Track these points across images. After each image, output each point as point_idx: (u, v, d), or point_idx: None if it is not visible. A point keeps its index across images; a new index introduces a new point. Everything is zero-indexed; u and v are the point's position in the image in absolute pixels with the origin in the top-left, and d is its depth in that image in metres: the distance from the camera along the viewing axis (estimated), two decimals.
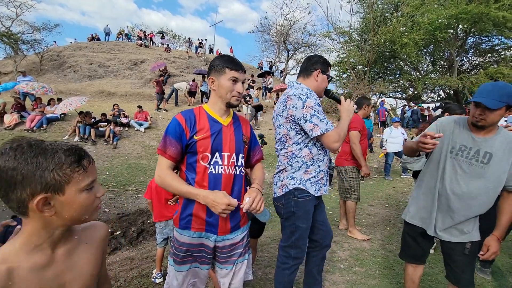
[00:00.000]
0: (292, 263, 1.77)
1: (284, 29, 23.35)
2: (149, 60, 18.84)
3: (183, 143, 1.31)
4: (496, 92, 1.41)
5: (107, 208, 5.75)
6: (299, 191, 1.68)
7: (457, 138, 1.61)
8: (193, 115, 1.35)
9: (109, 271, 2.82)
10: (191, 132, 1.31)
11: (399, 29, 14.94)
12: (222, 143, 1.35)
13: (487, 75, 14.09)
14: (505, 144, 1.51)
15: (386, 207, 4.78)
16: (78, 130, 8.27)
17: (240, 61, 1.39)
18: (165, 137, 1.31)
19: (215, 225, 1.35)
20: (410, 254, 1.90)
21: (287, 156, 1.71)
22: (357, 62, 17.23)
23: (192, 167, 1.34)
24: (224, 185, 1.34)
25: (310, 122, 1.58)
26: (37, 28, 16.74)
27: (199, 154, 1.32)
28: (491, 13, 13.05)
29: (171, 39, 33.17)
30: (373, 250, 3.08)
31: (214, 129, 1.35)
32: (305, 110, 1.58)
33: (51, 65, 17.31)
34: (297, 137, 1.67)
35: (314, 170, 1.70)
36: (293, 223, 1.72)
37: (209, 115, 1.38)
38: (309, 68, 1.77)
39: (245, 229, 1.49)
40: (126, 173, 7.12)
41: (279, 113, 1.72)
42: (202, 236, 1.36)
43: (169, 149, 1.30)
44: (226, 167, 1.35)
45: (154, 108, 12.12)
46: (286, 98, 1.67)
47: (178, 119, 1.33)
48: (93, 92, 14.34)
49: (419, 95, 18.23)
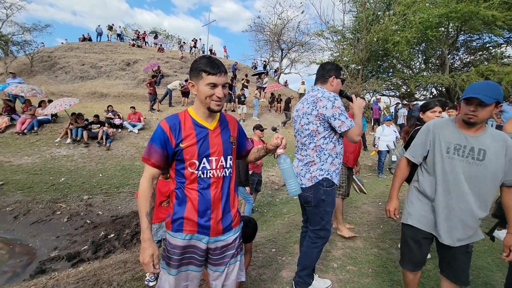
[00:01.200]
0: (321, 243, 2.06)
1: (278, 28, 23.38)
2: (142, 61, 18.67)
3: (169, 151, 1.31)
4: (487, 89, 1.48)
5: (100, 211, 5.70)
6: (327, 181, 1.94)
7: (451, 138, 1.63)
8: (178, 122, 1.32)
9: (102, 275, 2.79)
10: (177, 140, 1.30)
11: (391, 28, 15.07)
12: (210, 148, 1.33)
13: (478, 72, 14.30)
14: (496, 140, 1.56)
15: (379, 205, 4.82)
16: (70, 132, 8.17)
17: (220, 61, 1.30)
18: (150, 144, 1.32)
19: (207, 226, 1.36)
20: (413, 260, 1.84)
21: (316, 149, 1.95)
22: (351, 60, 17.34)
23: (181, 173, 1.35)
24: (214, 188, 1.35)
25: (339, 120, 1.85)
26: (28, 29, 16.47)
27: (186, 161, 1.31)
28: (481, 12, 13.24)
29: (164, 39, 32.92)
30: (366, 248, 3.10)
31: (200, 135, 1.33)
32: (334, 109, 1.85)
33: (42, 66, 17.03)
34: (325, 132, 1.93)
35: (338, 163, 2.00)
36: (323, 209, 1.98)
37: (194, 120, 1.35)
38: (325, 76, 2.04)
39: (237, 230, 1.49)
40: (120, 175, 7.06)
41: (308, 112, 1.94)
42: (194, 238, 1.36)
43: (153, 156, 1.31)
44: (215, 170, 1.35)
45: (147, 109, 12.03)
46: (315, 100, 1.91)
47: (163, 126, 1.31)
48: (85, 93, 14.16)
49: (412, 93, 18.40)
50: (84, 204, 5.80)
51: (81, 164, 7.35)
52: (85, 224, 5.20)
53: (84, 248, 4.33)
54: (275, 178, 7.68)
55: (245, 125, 10.62)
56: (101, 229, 4.97)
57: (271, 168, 8.29)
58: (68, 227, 5.12)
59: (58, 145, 7.98)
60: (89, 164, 7.39)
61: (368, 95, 18.08)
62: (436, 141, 1.67)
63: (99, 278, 2.71)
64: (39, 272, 3.65)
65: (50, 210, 5.51)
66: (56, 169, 6.93)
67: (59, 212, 5.49)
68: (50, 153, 7.56)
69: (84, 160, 7.53)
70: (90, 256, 4.09)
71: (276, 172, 8.04)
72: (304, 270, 2.10)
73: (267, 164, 8.17)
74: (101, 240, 4.57)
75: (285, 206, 5.49)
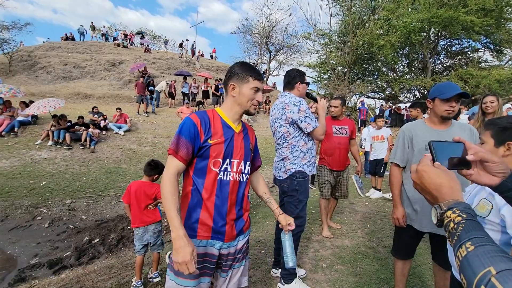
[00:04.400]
0: (297, 231, 2.20)
1: (266, 30, 23.51)
2: (128, 61, 18.31)
3: (196, 145, 1.27)
4: (456, 87, 1.71)
5: (84, 215, 5.51)
6: (300, 173, 2.19)
7: (426, 137, 1.80)
8: (208, 118, 1.32)
9: (86, 281, 2.70)
10: (206, 136, 1.28)
11: (376, 32, 15.50)
12: (233, 150, 1.34)
13: (457, 76, 14.92)
14: (463, 130, 1.79)
15: (366, 205, 4.92)
16: (52, 134, 7.88)
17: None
18: (178, 137, 1.25)
19: (223, 232, 1.31)
20: (406, 251, 1.99)
21: (288, 147, 2.20)
22: (337, 63, 17.69)
23: (202, 172, 1.30)
24: (231, 192, 1.33)
25: (305, 122, 2.11)
26: (6, 27, 15.82)
27: (211, 159, 1.29)
28: (460, 18, 13.83)
29: (151, 39, 32.42)
30: (354, 247, 3.15)
31: (227, 135, 1.33)
32: (300, 113, 2.11)
33: (21, 66, 16.39)
34: (295, 133, 2.18)
35: (309, 157, 2.24)
36: (297, 198, 2.20)
37: (223, 120, 1.36)
38: (291, 82, 2.28)
39: (247, 233, 1.48)
40: (105, 178, 6.86)
41: (279, 117, 2.19)
42: (208, 244, 1.30)
43: (181, 150, 1.24)
44: (235, 173, 1.34)
45: (136, 110, 11.65)
46: (284, 106, 2.16)
47: (194, 119, 1.28)
48: (68, 94, 13.72)
49: (396, 95, 18.95)
50: (67, 209, 5.60)
51: (64, 167, 7.10)
52: (67, 229, 5.01)
53: (66, 254, 4.16)
54: (264, 179, 7.69)
55: None
56: (85, 234, 4.80)
57: (260, 169, 8.30)
58: (50, 232, 4.92)
59: (39, 148, 7.68)
60: (72, 167, 7.14)
61: (355, 97, 18.46)
62: (413, 141, 1.85)
63: (82, 285, 2.62)
64: (18, 280, 3.48)
65: (30, 215, 5.28)
66: (36, 172, 6.65)
67: (40, 217, 5.27)
68: (30, 156, 7.25)
69: (67, 163, 7.27)
70: (73, 263, 3.94)
71: (265, 173, 8.05)
72: None
73: None
74: (85, 246, 4.42)
75: None
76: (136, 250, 2.56)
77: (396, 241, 2.06)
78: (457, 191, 0.59)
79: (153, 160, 2.69)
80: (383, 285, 2.41)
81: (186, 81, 13.99)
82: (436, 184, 0.61)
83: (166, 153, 5.10)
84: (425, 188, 0.64)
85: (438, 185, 0.61)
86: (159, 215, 2.63)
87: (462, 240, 0.51)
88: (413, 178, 0.67)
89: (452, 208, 0.56)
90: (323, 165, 3.50)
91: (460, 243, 0.51)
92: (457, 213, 0.55)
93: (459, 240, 0.52)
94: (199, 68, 19.60)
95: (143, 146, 8.92)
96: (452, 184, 0.60)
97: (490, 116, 2.75)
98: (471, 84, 14.60)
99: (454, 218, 0.55)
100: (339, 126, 3.46)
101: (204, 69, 20.95)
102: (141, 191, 2.52)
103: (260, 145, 10.53)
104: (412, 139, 1.86)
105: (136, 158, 8.06)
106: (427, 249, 2.73)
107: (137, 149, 8.65)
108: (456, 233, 0.53)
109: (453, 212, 0.56)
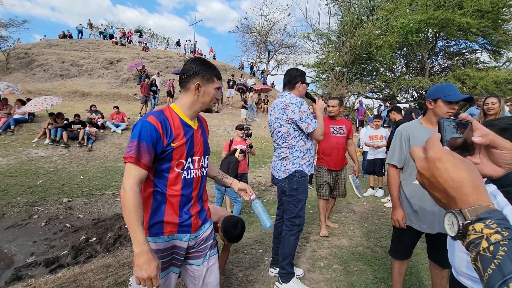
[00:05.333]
0: (296, 230, 2.24)
1: (265, 29, 23.50)
2: (126, 59, 18.21)
3: (158, 150, 1.22)
4: (457, 89, 1.75)
5: (81, 214, 5.49)
6: (299, 172, 2.19)
7: (422, 137, 1.79)
8: (167, 119, 1.26)
9: (83, 280, 2.69)
10: (168, 139, 1.23)
11: (375, 32, 15.54)
12: (194, 148, 1.34)
13: (455, 77, 14.98)
14: None
15: (364, 205, 4.93)
16: (49, 132, 7.83)
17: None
18: (139, 142, 1.17)
19: (189, 225, 1.34)
20: (405, 251, 2.01)
21: (288, 147, 2.20)
22: (336, 63, 17.71)
23: (163, 174, 1.28)
24: (194, 187, 1.36)
25: (305, 123, 2.12)
26: (4, 25, 15.70)
27: (174, 161, 1.27)
28: (456, 19, 13.89)
29: (149, 38, 32.29)
30: (351, 247, 3.16)
31: (187, 135, 1.32)
32: (301, 114, 2.11)
33: (18, 63, 16.26)
34: (295, 133, 2.18)
35: (308, 157, 2.24)
36: (296, 197, 2.20)
37: (181, 119, 1.32)
38: (292, 82, 2.25)
39: (211, 221, 1.54)
40: (102, 177, 6.83)
41: (279, 117, 2.19)
42: (175, 238, 1.33)
43: (144, 157, 1.17)
44: (197, 170, 1.37)
45: (139, 111, 11.49)
46: (284, 106, 2.15)
47: (153, 123, 1.20)
48: (66, 92, 13.63)
49: (394, 95, 19.02)
50: (64, 207, 5.57)
51: (61, 165, 7.06)
52: (64, 228, 4.98)
53: (63, 253, 4.14)
54: (262, 179, 7.69)
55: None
56: (82, 233, 4.78)
57: (258, 169, 8.30)
58: (46, 231, 4.89)
59: (36, 146, 7.63)
60: (69, 166, 7.10)
61: (353, 97, 18.50)
62: (411, 141, 1.85)
63: (79, 284, 2.60)
64: (15, 279, 3.46)
65: (26, 214, 5.25)
66: (33, 171, 6.61)
67: (37, 216, 5.24)
68: (26, 154, 7.20)
69: (64, 162, 7.23)
70: (70, 261, 3.92)
71: (263, 173, 8.05)
72: (285, 260, 2.23)
73: (254, 165, 8.17)
74: (82, 245, 4.39)
75: (272, 207, 5.49)
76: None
77: (395, 241, 2.06)
78: (484, 193, 0.43)
79: None
80: (380, 284, 2.42)
81: None
82: (456, 180, 0.43)
83: None
84: (437, 185, 0.46)
85: (459, 182, 0.43)
86: None
87: (508, 274, 0.34)
88: (419, 169, 0.48)
89: (484, 220, 0.39)
90: (322, 166, 3.51)
91: (505, 278, 0.34)
92: (493, 228, 0.38)
93: (500, 272, 0.35)
94: None
95: None
96: (477, 182, 0.43)
97: (491, 117, 2.75)
98: (469, 85, 14.68)
99: (488, 235, 0.38)
100: (336, 126, 3.48)
101: None
102: None
103: (258, 144, 10.53)
104: (410, 139, 1.85)
105: None
106: (424, 249, 2.74)
107: None
108: (494, 260, 0.36)
109: (486, 225, 0.39)
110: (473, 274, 0.95)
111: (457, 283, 1.03)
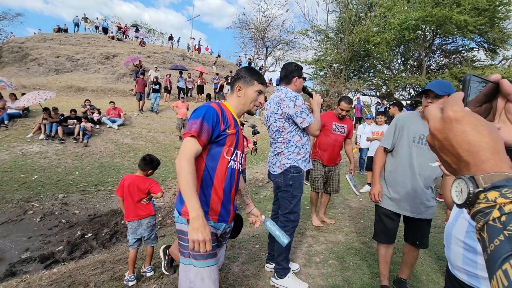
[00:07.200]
0: (291, 226, 2.23)
1: (263, 25, 23.35)
2: (122, 54, 18.01)
3: (215, 133, 1.35)
4: (439, 84, 1.81)
5: (77, 210, 5.45)
6: (294, 168, 2.18)
7: (416, 129, 1.96)
8: (224, 110, 1.42)
9: (78, 276, 2.67)
10: (225, 125, 1.38)
11: (372, 29, 15.49)
12: (238, 142, 1.49)
13: (452, 74, 15.02)
14: None
15: (360, 201, 4.96)
16: (44, 127, 7.73)
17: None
18: (202, 121, 1.30)
19: (228, 214, 1.45)
20: (387, 233, 2.16)
21: (283, 142, 2.19)
22: (334, 60, 17.66)
23: (215, 158, 1.38)
24: (235, 179, 1.49)
25: (300, 117, 2.10)
26: None
27: (225, 147, 1.39)
28: (453, 17, 13.89)
29: (146, 33, 31.92)
30: (347, 242, 3.18)
31: (237, 127, 1.48)
32: (296, 108, 2.09)
33: (12, 57, 16.00)
34: (290, 128, 2.17)
35: (304, 152, 2.22)
36: (291, 193, 2.19)
37: (232, 114, 1.50)
38: (288, 76, 2.24)
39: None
40: (98, 173, 6.79)
41: (274, 111, 2.17)
42: (214, 225, 1.41)
43: (203, 134, 1.30)
44: (237, 163, 1.50)
45: (138, 108, 11.23)
46: (279, 100, 2.13)
47: (216, 108, 1.37)
48: (61, 87, 13.47)
49: (391, 93, 19.05)
50: (59, 203, 5.52)
51: (56, 161, 6.99)
52: (60, 224, 4.95)
53: (58, 249, 4.12)
54: (259, 175, 7.69)
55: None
56: (77, 229, 4.75)
57: (255, 165, 8.30)
58: (41, 227, 4.85)
59: (30, 141, 7.53)
60: (65, 161, 7.04)
61: (350, 94, 18.50)
62: (404, 131, 2.01)
63: (74, 280, 2.59)
64: (9, 275, 3.44)
65: (21, 210, 5.20)
66: (28, 166, 6.54)
67: (31, 212, 5.19)
68: (21, 150, 7.12)
69: (59, 157, 7.15)
70: (65, 257, 3.90)
71: (260, 169, 8.05)
72: (281, 255, 2.23)
73: (252, 161, 8.17)
74: (77, 240, 4.38)
75: (269, 203, 5.50)
76: (129, 244, 2.54)
77: (376, 224, 2.24)
78: (506, 160, 0.37)
79: (148, 155, 2.66)
80: (376, 279, 2.43)
81: (181, 75, 13.84)
82: (473, 144, 0.38)
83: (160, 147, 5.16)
84: (450, 148, 0.40)
85: (476, 145, 0.38)
86: (153, 209, 2.62)
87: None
88: (432, 129, 0.43)
89: (500, 188, 0.34)
90: (317, 159, 3.56)
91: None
92: (510, 197, 0.33)
93: (509, 243, 0.31)
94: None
95: (137, 140, 8.83)
96: (498, 147, 0.37)
97: None
98: None
99: (502, 204, 0.33)
100: (339, 124, 3.56)
101: (200, 64, 20.76)
102: (135, 185, 2.50)
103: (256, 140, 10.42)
104: (403, 128, 2.02)
105: (130, 153, 7.98)
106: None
107: (131, 143, 8.56)
108: (504, 231, 0.32)
109: (501, 194, 0.34)
110: (469, 269, 0.95)
111: (453, 277, 1.04)
